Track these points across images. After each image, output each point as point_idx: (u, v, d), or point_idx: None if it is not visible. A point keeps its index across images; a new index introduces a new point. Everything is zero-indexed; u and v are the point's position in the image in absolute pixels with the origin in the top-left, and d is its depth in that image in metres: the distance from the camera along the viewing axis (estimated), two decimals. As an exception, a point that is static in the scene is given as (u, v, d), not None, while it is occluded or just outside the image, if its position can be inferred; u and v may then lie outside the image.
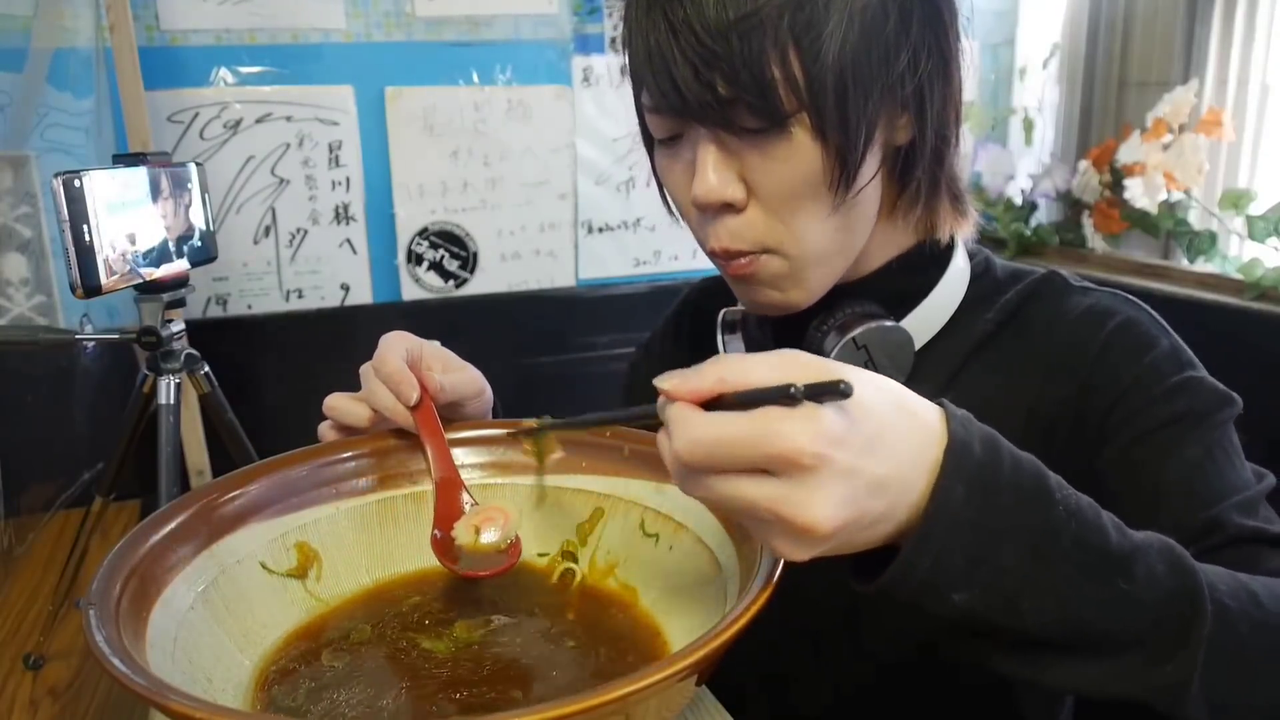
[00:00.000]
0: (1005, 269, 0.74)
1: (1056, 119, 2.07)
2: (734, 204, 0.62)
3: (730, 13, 0.57)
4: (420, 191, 1.71)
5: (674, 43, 0.58)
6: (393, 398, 0.65)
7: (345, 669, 0.55)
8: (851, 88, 0.58)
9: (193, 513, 0.57)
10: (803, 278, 0.65)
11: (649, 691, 0.38)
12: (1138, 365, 0.64)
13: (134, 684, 0.39)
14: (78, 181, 0.93)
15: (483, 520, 0.61)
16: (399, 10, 1.63)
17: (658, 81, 0.60)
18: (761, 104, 0.58)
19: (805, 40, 0.57)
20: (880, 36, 0.59)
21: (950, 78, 0.64)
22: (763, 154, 0.60)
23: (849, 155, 0.60)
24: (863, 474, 0.40)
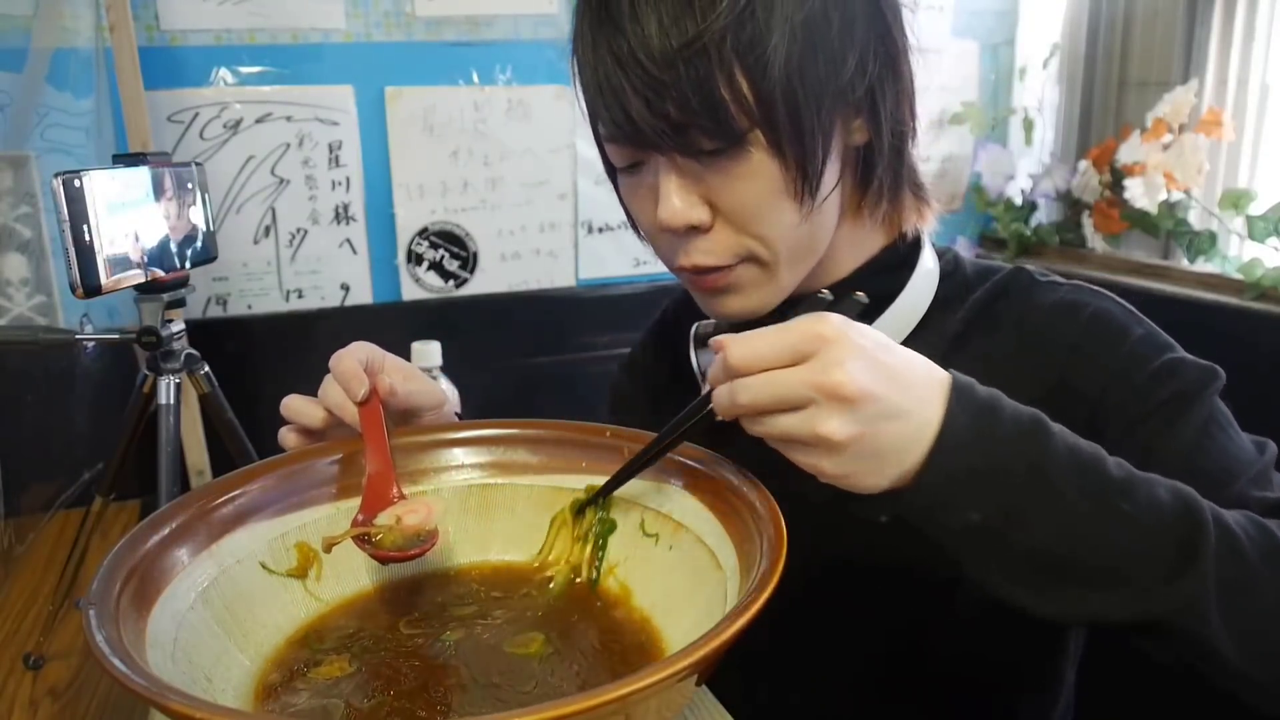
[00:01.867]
0: (974, 267, 0.74)
1: (1056, 119, 2.07)
2: (700, 225, 0.63)
3: (673, 40, 0.57)
4: (420, 191, 1.71)
5: (622, 75, 0.59)
6: (342, 394, 0.66)
7: (345, 669, 0.55)
8: (802, 99, 0.59)
9: (193, 513, 0.57)
10: (775, 280, 0.66)
11: (649, 691, 0.38)
12: (1116, 357, 0.64)
13: (134, 684, 0.40)
14: (78, 181, 0.93)
15: (407, 511, 0.62)
16: (399, 10, 1.63)
17: (611, 114, 0.61)
18: (715, 126, 0.59)
19: (750, 59, 0.58)
20: (824, 44, 0.59)
21: (900, 74, 0.65)
22: (723, 174, 0.61)
23: (809, 165, 0.61)
24: (879, 360, 0.48)
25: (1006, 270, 0.73)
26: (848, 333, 0.47)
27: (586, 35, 0.62)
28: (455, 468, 0.68)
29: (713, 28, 0.57)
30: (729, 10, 0.57)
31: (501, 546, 0.66)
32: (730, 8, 0.57)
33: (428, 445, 0.68)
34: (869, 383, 0.46)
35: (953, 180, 2.10)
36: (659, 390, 0.86)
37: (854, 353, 0.47)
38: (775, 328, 0.48)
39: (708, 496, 0.59)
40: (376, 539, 0.59)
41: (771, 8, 0.58)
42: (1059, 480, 0.49)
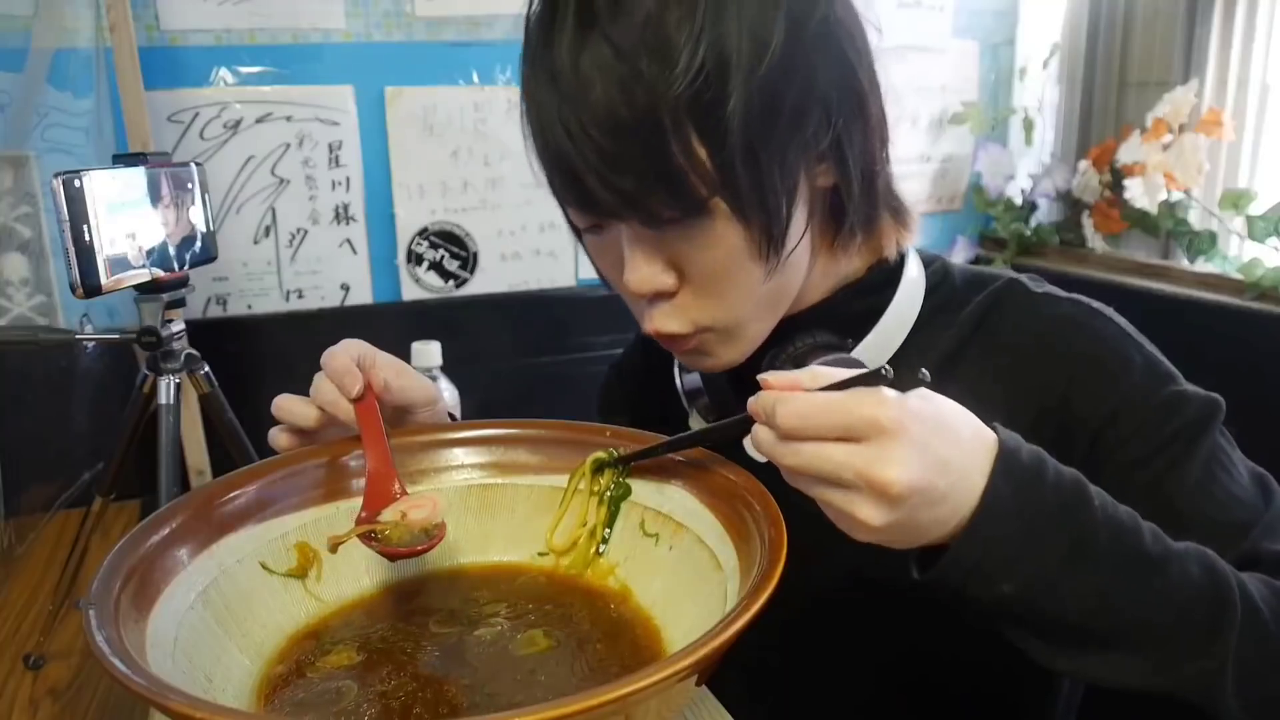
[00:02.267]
0: (964, 275, 0.72)
1: (1056, 119, 2.07)
2: (666, 291, 0.61)
3: (625, 110, 0.54)
4: (420, 191, 1.71)
5: (573, 147, 0.56)
6: (335, 391, 0.65)
7: (346, 669, 0.55)
8: (764, 163, 0.56)
9: (193, 513, 0.57)
10: (739, 339, 0.64)
11: (649, 691, 0.38)
12: (1119, 390, 0.63)
13: (134, 684, 0.39)
14: (78, 181, 0.92)
15: (411, 506, 0.61)
16: (399, 10, 1.63)
17: (566, 186, 0.59)
18: (673, 196, 0.56)
19: (707, 126, 0.55)
20: (785, 103, 0.56)
21: (868, 114, 0.62)
22: (686, 239, 0.59)
23: (773, 227, 0.58)
24: (932, 449, 0.46)
25: (999, 281, 0.70)
26: (905, 423, 0.45)
27: (534, 94, 0.59)
28: (455, 468, 0.68)
29: (667, 95, 0.53)
30: (683, 75, 0.53)
31: (501, 546, 0.66)
32: (684, 72, 0.53)
33: (427, 445, 0.68)
34: (917, 478, 0.45)
35: (953, 180, 2.10)
36: (646, 396, 0.85)
37: (908, 446, 0.45)
38: (831, 397, 0.46)
39: (708, 496, 0.59)
40: (383, 535, 0.59)
41: (727, 69, 0.54)
42: (1096, 556, 0.49)
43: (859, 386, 0.47)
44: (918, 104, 2.02)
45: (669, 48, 0.54)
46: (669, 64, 0.53)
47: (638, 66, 0.54)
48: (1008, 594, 0.48)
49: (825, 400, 0.46)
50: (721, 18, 0.54)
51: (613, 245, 0.62)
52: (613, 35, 0.54)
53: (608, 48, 0.54)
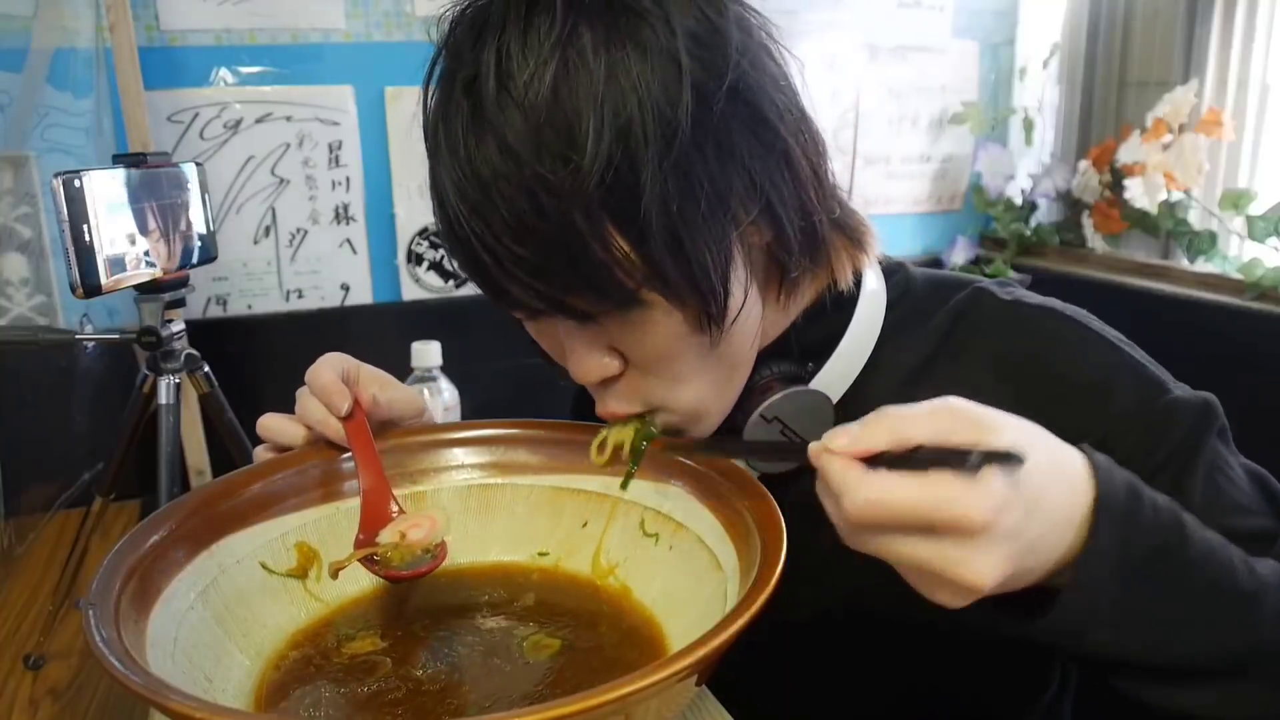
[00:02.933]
0: (927, 285, 0.69)
1: (1056, 119, 2.07)
2: (612, 376, 0.59)
3: (534, 219, 0.51)
4: (420, 191, 1.71)
5: (488, 257, 0.53)
6: (324, 410, 0.64)
7: (345, 668, 0.55)
8: (689, 247, 0.53)
9: (193, 513, 0.57)
10: (701, 417, 0.62)
11: (649, 691, 0.38)
12: (1107, 413, 0.61)
13: (133, 684, 0.39)
14: (78, 181, 0.93)
15: (410, 526, 0.61)
16: (399, 10, 1.63)
17: (487, 292, 0.56)
18: (598, 294, 0.54)
19: (624, 219, 0.51)
20: (703, 180, 0.53)
21: (794, 167, 0.58)
22: (623, 327, 0.56)
23: (711, 305, 0.56)
24: (1023, 535, 0.43)
25: (965, 290, 0.67)
26: (994, 522, 0.41)
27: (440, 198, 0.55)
28: (455, 468, 0.68)
29: (576, 196, 0.50)
30: (590, 172, 0.49)
31: (501, 546, 0.66)
32: (591, 169, 0.49)
33: (428, 445, 0.68)
34: (1005, 573, 0.43)
35: (953, 180, 2.10)
36: None
37: (997, 546, 0.42)
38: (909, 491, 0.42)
39: (708, 497, 0.59)
40: (384, 558, 0.59)
41: (636, 158, 0.50)
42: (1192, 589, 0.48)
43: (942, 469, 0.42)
44: (918, 104, 2.02)
45: (569, 142, 0.50)
46: (572, 162, 0.50)
47: (538, 171, 0.50)
48: (1101, 643, 0.48)
49: (906, 497, 0.42)
50: (621, 98, 0.50)
51: (550, 330, 0.60)
52: (505, 134, 0.50)
53: (501, 156, 0.51)
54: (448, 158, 0.53)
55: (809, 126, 0.60)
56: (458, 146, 0.52)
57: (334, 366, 0.65)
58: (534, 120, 0.50)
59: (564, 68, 0.50)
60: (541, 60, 0.50)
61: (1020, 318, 0.65)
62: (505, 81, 0.51)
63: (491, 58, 0.51)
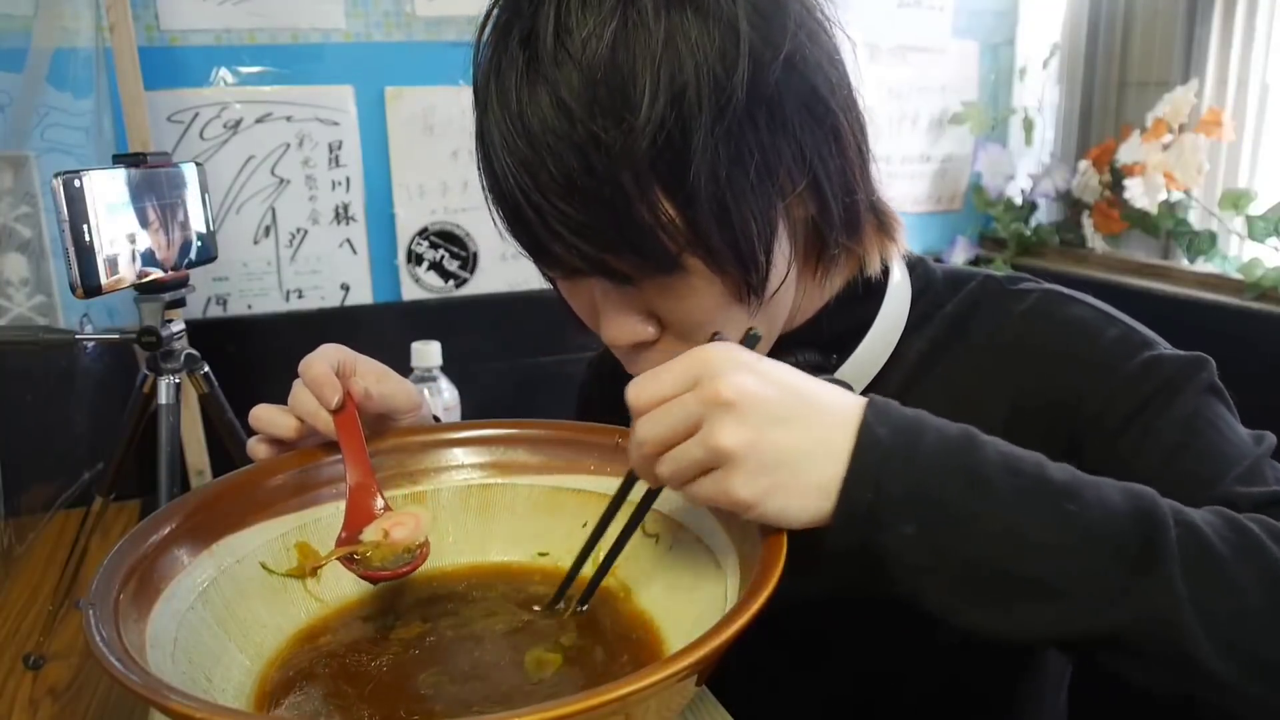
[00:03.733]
0: (946, 279, 0.70)
1: (1056, 119, 2.07)
2: (646, 341, 0.59)
3: (583, 177, 0.51)
4: (420, 191, 1.71)
5: (533, 214, 0.53)
6: (315, 401, 0.63)
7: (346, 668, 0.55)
8: (735, 215, 0.53)
9: (192, 512, 0.57)
10: None
11: (649, 691, 0.38)
12: (1089, 364, 0.61)
13: (133, 684, 0.39)
14: (78, 181, 0.92)
15: (393, 524, 0.60)
16: (399, 10, 1.63)
17: (529, 248, 0.56)
18: (641, 257, 0.54)
19: (672, 184, 0.52)
20: (754, 150, 0.53)
21: (844, 143, 0.59)
22: (662, 292, 0.57)
23: (752, 275, 0.56)
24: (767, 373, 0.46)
25: (975, 281, 0.68)
26: (732, 351, 0.46)
27: (487, 152, 0.55)
28: (455, 468, 0.68)
29: (626, 157, 0.50)
30: (642, 133, 0.50)
31: (501, 547, 0.66)
32: (643, 129, 0.50)
33: (427, 445, 0.68)
34: (752, 387, 0.45)
35: (953, 180, 2.10)
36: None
37: (736, 365, 0.45)
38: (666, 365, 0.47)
39: (708, 496, 0.59)
40: (364, 557, 0.58)
41: (688, 124, 0.50)
42: (994, 481, 0.45)
43: None
44: (918, 104, 2.02)
45: (623, 107, 0.50)
46: (626, 124, 0.50)
47: (591, 130, 0.50)
48: (911, 536, 0.45)
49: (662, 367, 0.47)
50: (678, 62, 0.50)
51: (585, 292, 0.60)
52: (560, 89, 0.50)
53: (556, 111, 0.51)
54: (499, 111, 0.53)
55: (856, 105, 0.60)
56: (510, 100, 0.52)
57: (328, 358, 0.64)
58: (590, 77, 0.50)
59: (624, 27, 0.50)
60: (601, 19, 0.50)
61: (1018, 301, 0.67)
62: (563, 37, 0.51)
63: (551, 11, 0.51)
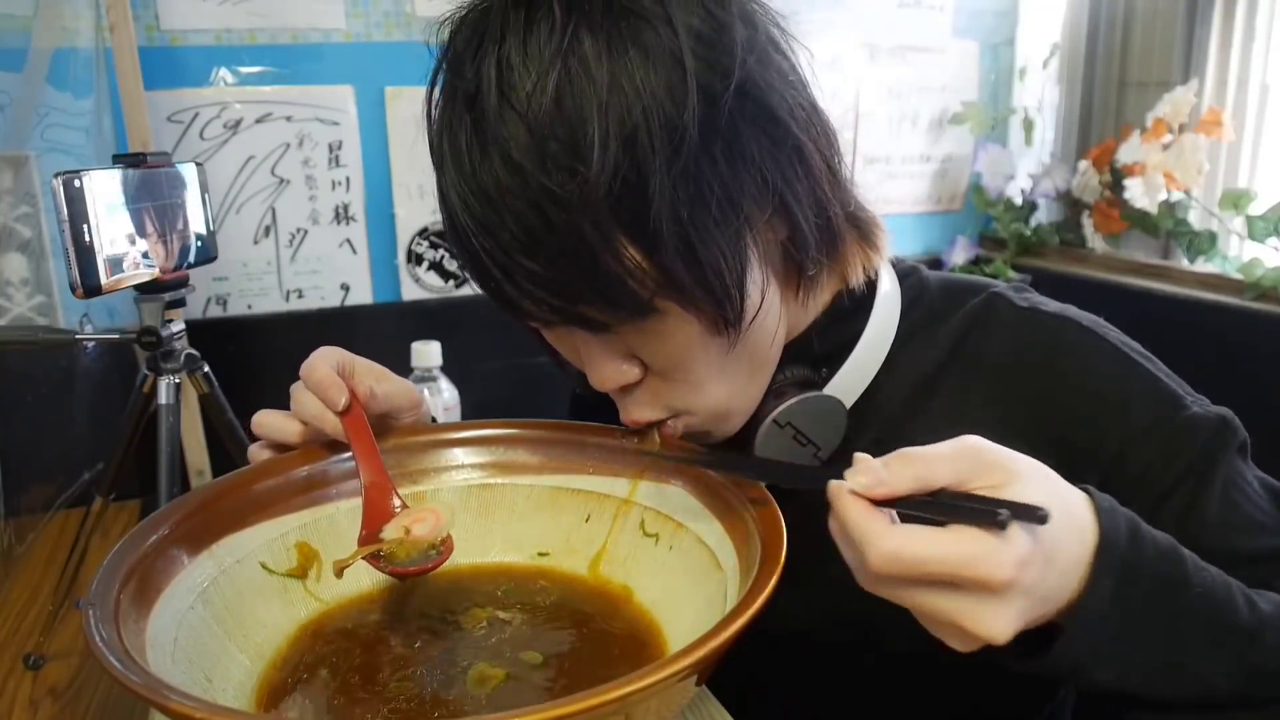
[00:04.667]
0: (942, 289, 0.69)
1: (1056, 119, 2.07)
2: (631, 383, 0.59)
3: (543, 233, 0.50)
4: (420, 191, 1.71)
5: (500, 273, 0.52)
6: (320, 405, 0.63)
7: (346, 668, 0.55)
8: (703, 251, 0.52)
9: (193, 513, 0.57)
10: (724, 417, 0.62)
11: (649, 691, 0.38)
12: (1121, 427, 0.60)
13: (133, 684, 0.39)
14: (78, 181, 0.93)
15: (414, 521, 0.60)
16: (399, 10, 1.63)
17: (501, 305, 0.55)
18: (612, 305, 0.53)
19: (635, 228, 0.50)
20: (713, 184, 0.51)
21: (808, 163, 0.57)
22: (640, 335, 0.56)
23: (727, 308, 0.55)
24: (1039, 589, 0.43)
25: (980, 295, 0.66)
26: (1015, 582, 0.41)
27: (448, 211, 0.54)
28: (455, 468, 0.68)
29: (585, 207, 0.49)
30: (597, 182, 0.48)
31: (501, 547, 0.66)
32: (598, 179, 0.48)
33: (428, 445, 0.68)
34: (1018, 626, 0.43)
35: (953, 180, 2.10)
36: None
37: (1016, 602, 0.42)
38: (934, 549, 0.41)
39: (708, 497, 0.59)
40: (389, 555, 0.58)
41: (644, 166, 0.49)
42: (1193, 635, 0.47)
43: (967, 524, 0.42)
44: (918, 104, 2.02)
45: (574, 153, 0.49)
46: (579, 173, 0.49)
47: (544, 184, 0.49)
48: (1103, 681, 0.47)
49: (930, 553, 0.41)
50: (626, 105, 0.49)
51: (567, 339, 0.60)
52: (509, 147, 0.50)
53: (507, 170, 0.50)
54: (453, 173, 0.52)
55: (820, 119, 0.59)
56: (462, 161, 0.52)
57: (329, 360, 0.64)
58: (538, 132, 0.49)
59: (566, 76, 0.49)
60: (543, 70, 0.49)
61: (1035, 325, 0.64)
62: (507, 93, 0.50)
63: (492, 70, 0.50)
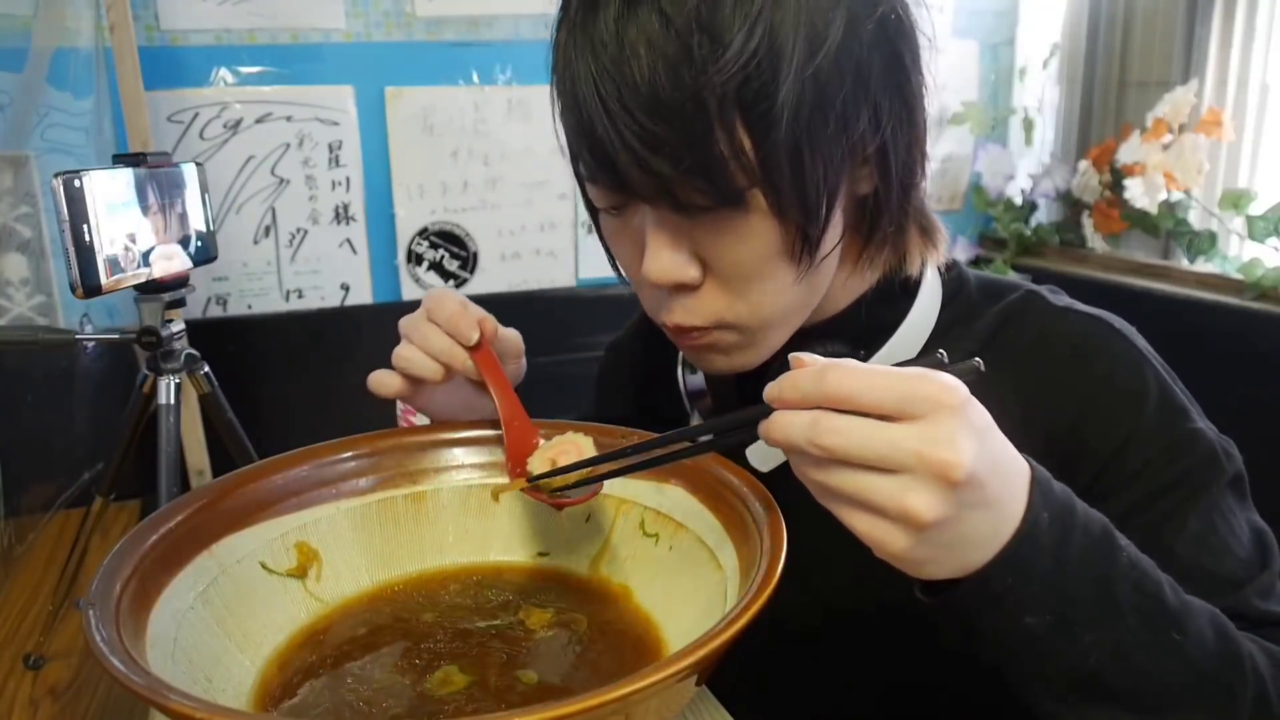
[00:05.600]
0: (980, 285, 0.69)
1: (1056, 119, 2.07)
2: (689, 284, 0.58)
3: (670, 90, 0.51)
4: (420, 191, 1.71)
5: (609, 123, 0.52)
6: (449, 341, 0.63)
7: (345, 669, 0.55)
8: (808, 160, 0.53)
9: (193, 513, 0.57)
10: (758, 343, 0.62)
11: (649, 691, 0.38)
12: (1129, 423, 0.60)
13: (133, 684, 0.39)
14: (78, 181, 0.93)
15: (558, 453, 0.59)
16: (399, 10, 1.63)
17: (596, 161, 0.55)
18: (711, 184, 0.53)
19: (754, 115, 0.52)
20: (837, 99, 0.53)
21: (915, 122, 0.59)
22: (717, 231, 0.56)
23: (810, 228, 0.55)
24: (987, 442, 0.43)
25: (1017, 293, 0.67)
26: (967, 407, 0.42)
27: (570, 63, 0.55)
28: (455, 468, 0.68)
29: (715, 80, 0.50)
30: (733, 60, 0.50)
31: (501, 547, 0.66)
32: (735, 57, 0.50)
33: (428, 445, 0.68)
34: (978, 466, 0.41)
35: (953, 180, 2.10)
36: (645, 388, 0.83)
37: (969, 430, 0.41)
38: (888, 370, 0.42)
39: (708, 496, 0.59)
40: (545, 484, 0.58)
41: (779, 59, 0.51)
42: (1121, 596, 0.47)
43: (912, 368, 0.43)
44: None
45: (723, 28, 0.51)
46: (721, 45, 0.50)
47: (687, 44, 0.50)
48: (1029, 627, 0.46)
49: (883, 372, 0.42)
50: (780, 3, 0.51)
51: (633, 228, 0.59)
52: (665, 6, 0.51)
53: (657, 19, 0.51)
54: (590, 17, 0.53)
55: (928, 96, 0.60)
56: (607, 6, 0.53)
57: (455, 297, 0.65)
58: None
59: None
60: None
61: (1067, 321, 0.65)
62: None
63: None
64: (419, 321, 0.65)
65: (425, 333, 0.64)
